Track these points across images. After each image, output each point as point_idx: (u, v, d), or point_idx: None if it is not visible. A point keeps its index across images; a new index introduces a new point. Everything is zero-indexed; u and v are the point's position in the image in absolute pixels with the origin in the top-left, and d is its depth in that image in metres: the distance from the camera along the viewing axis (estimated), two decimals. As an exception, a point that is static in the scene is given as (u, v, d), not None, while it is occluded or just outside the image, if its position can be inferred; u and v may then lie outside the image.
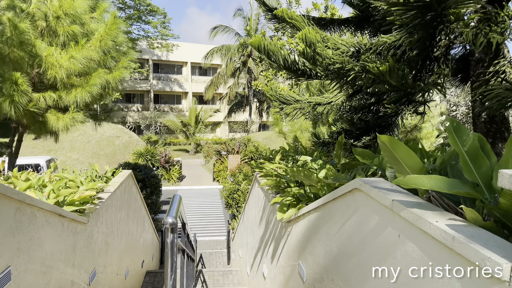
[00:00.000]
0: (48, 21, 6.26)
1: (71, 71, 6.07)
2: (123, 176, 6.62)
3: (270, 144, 26.56)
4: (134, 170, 11.51)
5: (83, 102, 6.29)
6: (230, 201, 11.97)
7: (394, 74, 2.26)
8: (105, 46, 6.39)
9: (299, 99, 3.93)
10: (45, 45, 6.21)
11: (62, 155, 24.48)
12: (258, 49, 3.08)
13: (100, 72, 6.44)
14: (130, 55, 7.09)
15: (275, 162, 6.48)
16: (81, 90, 6.27)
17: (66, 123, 6.30)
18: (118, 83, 6.69)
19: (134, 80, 43.58)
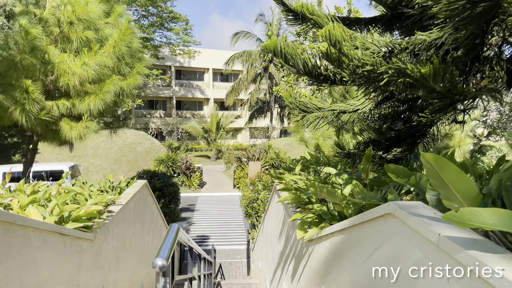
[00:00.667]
0: (62, 27, 6.10)
1: (84, 78, 5.87)
2: (137, 187, 6.37)
3: (291, 150, 26.11)
4: (152, 178, 11.32)
5: (97, 110, 6.08)
6: (250, 210, 11.61)
7: (439, 77, 1.85)
8: (119, 52, 6.18)
9: (321, 107, 3.55)
10: (58, 51, 6.05)
11: (86, 161, 24.75)
12: (274, 52, 2.73)
13: (114, 79, 6.22)
14: (145, 60, 6.86)
15: (295, 173, 6.09)
16: (94, 97, 6.07)
17: (79, 132, 6.10)
18: (132, 90, 6.47)
19: (156, 86, 44.00)
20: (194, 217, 17.94)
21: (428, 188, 2.21)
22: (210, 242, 14.78)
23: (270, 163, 23.33)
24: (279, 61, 14.05)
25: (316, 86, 26.13)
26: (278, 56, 2.82)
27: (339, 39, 2.08)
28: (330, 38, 2.09)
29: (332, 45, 2.13)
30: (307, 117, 3.65)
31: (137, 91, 7.04)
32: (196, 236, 15.46)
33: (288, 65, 2.82)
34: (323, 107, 3.62)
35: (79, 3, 6.02)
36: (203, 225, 16.77)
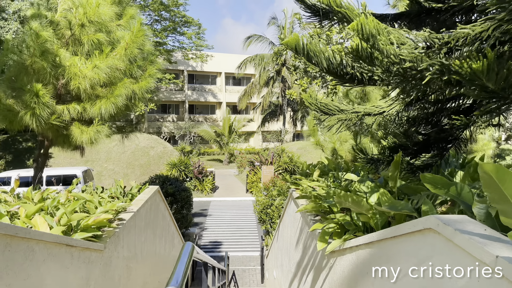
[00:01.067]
0: (73, 29, 5.98)
1: (95, 81, 5.72)
2: (149, 193, 6.19)
3: (305, 154, 25.79)
4: (165, 183, 11.16)
5: (108, 114, 5.93)
6: (264, 216, 11.36)
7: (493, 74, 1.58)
8: (130, 54, 6.03)
9: (343, 109, 3.30)
10: (69, 54, 5.92)
11: (99, 166, 24.82)
12: (295, 49, 2.49)
13: (125, 82, 6.07)
14: (157, 63, 6.70)
15: (313, 179, 5.84)
16: (105, 101, 5.92)
17: (90, 137, 5.96)
18: (145, 93, 6.31)
19: (169, 91, 44.15)
20: (206, 222, 17.75)
21: (475, 200, 1.94)
22: (223, 248, 14.55)
23: (284, 167, 23.05)
24: (292, 64, 13.99)
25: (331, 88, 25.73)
26: (300, 53, 2.58)
27: (373, 33, 1.83)
28: (363, 32, 1.85)
29: (364, 39, 1.90)
30: (328, 119, 3.40)
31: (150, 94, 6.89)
32: (209, 242, 15.26)
33: (311, 63, 2.59)
34: (346, 109, 3.37)
35: (91, 5, 5.89)
36: (216, 231, 16.56)
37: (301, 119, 39.63)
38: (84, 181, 20.62)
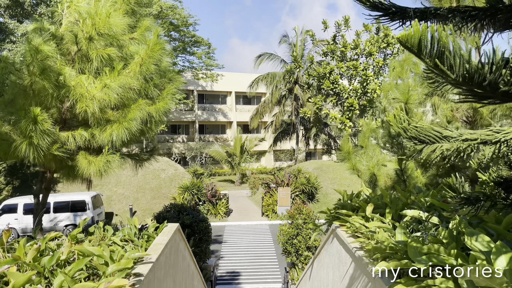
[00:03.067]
0: (80, 44, 5.15)
1: (105, 103, 4.85)
2: (168, 233, 5.22)
3: (322, 175, 24.69)
4: (181, 213, 10.19)
5: (120, 141, 5.03)
6: (289, 248, 10.29)
7: None
8: (146, 71, 5.17)
9: (448, 135, 2.34)
10: (75, 72, 5.08)
11: (108, 190, 23.97)
12: (418, 47, 1.56)
13: (140, 104, 5.19)
14: (176, 81, 5.83)
15: (367, 215, 4.83)
16: (117, 126, 5.03)
17: (99, 168, 5.05)
18: (162, 116, 5.42)
19: (179, 111, 43.61)
20: (222, 250, 16.66)
21: None
22: (241, 280, 13.44)
23: (301, 188, 21.96)
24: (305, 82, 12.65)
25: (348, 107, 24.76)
26: (423, 52, 1.66)
27: None
28: None
29: None
30: (427, 149, 2.44)
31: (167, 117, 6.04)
32: (226, 273, 14.15)
33: (442, 65, 1.65)
34: (451, 135, 2.41)
35: (100, 16, 5.07)
36: (233, 260, 15.45)
37: (314, 138, 38.64)
38: (93, 207, 19.74)
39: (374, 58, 25.32)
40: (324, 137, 38.29)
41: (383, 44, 25.10)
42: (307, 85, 28.67)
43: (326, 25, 26.63)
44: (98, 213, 20.25)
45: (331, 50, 26.12)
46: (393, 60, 25.68)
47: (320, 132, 36.99)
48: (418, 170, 7.00)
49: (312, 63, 28.07)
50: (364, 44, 25.74)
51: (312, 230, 10.38)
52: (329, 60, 27.00)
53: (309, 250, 10.16)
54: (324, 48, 27.00)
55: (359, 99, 25.60)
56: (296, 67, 29.15)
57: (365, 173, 7.66)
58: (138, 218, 17.98)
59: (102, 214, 20.83)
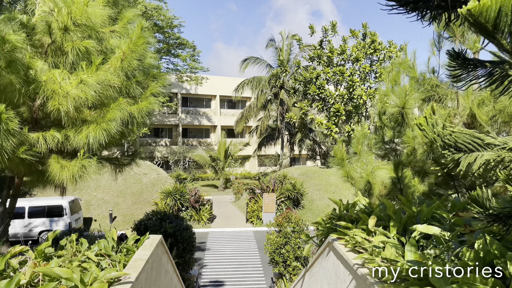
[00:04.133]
0: (54, 34, 4.62)
1: (81, 101, 4.33)
2: (150, 247, 4.71)
3: (308, 181, 24.36)
4: (163, 221, 9.62)
5: (98, 143, 4.51)
6: (277, 258, 9.83)
7: None
8: (128, 67, 4.67)
9: (490, 142, 1.94)
10: (47, 66, 4.54)
11: (87, 194, 23.09)
12: (494, 23, 1.15)
13: (121, 103, 4.68)
14: (161, 79, 5.33)
15: (369, 228, 4.43)
16: (94, 127, 4.51)
17: (73, 174, 4.51)
18: (145, 117, 4.92)
19: (162, 114, 42.81)
20: (205, 258, 16.10)
21: None
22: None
23: (286, 194, 21.57)
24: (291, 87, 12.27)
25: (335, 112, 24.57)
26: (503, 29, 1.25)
27: None
28: None
29: None
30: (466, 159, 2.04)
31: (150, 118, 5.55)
32: (209, 282, 13.61)
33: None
34: (493, 142, 2.01)
35: (78, 4, 4.56)
36: (216, 268, 14.91)
37: (299, 143, 38.40)
38: (71, 212, 18.89)
39: (360, 64, 25.23)
40: (309, 143, 38.10)
41: (369, 50, 25.03)
42: (293, 90, 28.40)
43: (313, 29, 26.46)
44: (76, 219, 19.42)
45: (317, 55, 25.93)
46: (381, 64, 25.68)
47: (305, 137, 36.77)
48: (416, 179, 6.67)
49: (298, 67, 27.84)
50: (350, 50, 25.64)
51: (302, 239, 9.97)
52: (315, 65, 26.81)
53: (298, 260, 9.74)
54: (310, 53, 26.80)
55: (345, 105, 25.44)
56: (282, 71, 28.87)
57: (359, 181, 7.30)
58: (119, 224, 17.21)
59: (80, 219, 19.99)
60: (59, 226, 18.50)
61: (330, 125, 24.56)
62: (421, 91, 7.09)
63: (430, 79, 7.14)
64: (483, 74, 1.79)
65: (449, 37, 7.13)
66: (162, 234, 9.00)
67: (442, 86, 7.07)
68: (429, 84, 7.12)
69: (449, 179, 6.64)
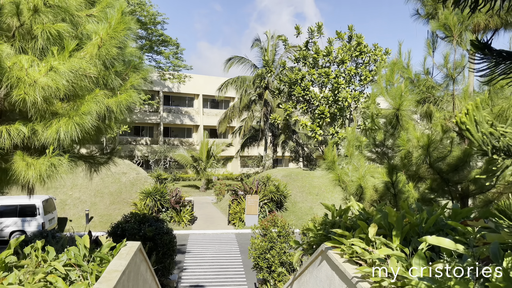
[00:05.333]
0: (22, 16, 4.10)
1: (51, 92, 3.83)
2: (127, 256, 4.23)
3: (291, 183, 24.05)
4: (142, 224, 9.08)
5: (70, 139, 4.01)
6: (262, 263, 9.43)
7: None
8: (106, 55, 4.18)
9: None
10: (14, 52, 4.03)
11: (62, 193, 22.19)
12: None
13: (97, 95, 4.19)
14: (143, 70, 4.83)
15: (369, 237, 4.07)
16: (66, 121, 4.01)
17: (40, 172, 4.00)
18: (124, 111, 4.44)
19: (143, 112, 41.88)
20: (185, 261, 15.56)
21: None
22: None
23: (269, 196, 21.20)
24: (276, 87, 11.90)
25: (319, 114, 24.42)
26: None
27: None
28: None
29: None
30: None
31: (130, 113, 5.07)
32: (189, 287, 13.10)
33: None
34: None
35: (50, -17, 4.05)
36: (197, 272, 14.40)
37: (282, 145, 38.14)
38: (45, 212, 18.03)
39: (346, 66, 25.12)
40: (292, 145, 37.87)
41: (355, 53, 24.94)
42: (278, 91, 28.09)
43: (299, 30, 26.22)
44: (50, 219, 18.58)
45: (303, 56, 25.68)
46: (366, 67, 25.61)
47: (289, 139, 36.52)
48: (410, 184, 6.37)
49: (284, 68, 27.54)
50: (336, 52, 25.50)
51: (288, 244, 9.60)
52: (300, 66, 26.57)
53: (283, 266, 9.37)
54: (296, 54, 26.55)
55: (330, 107, 25.27)
56: (267, 71, 28.51)
57: (350, 185, 6.97)
58: (95, 225, 16.39)
59: (54, 219, 19.13)
60: (31, 227, 17.64)
61: (314, 127, 24.33)
62: (416, 92, 6.83)
63: (425, 80, 6.88)
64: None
65: (445, 37, 6.89)
66: (141, 238, 8.48)
67: (438, 87, 6.82)
68: (424, 86, 6.86)
69: (444, 184, 6.38)
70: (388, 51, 25.33)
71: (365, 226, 4.24)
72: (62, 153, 4.15)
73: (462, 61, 6.67)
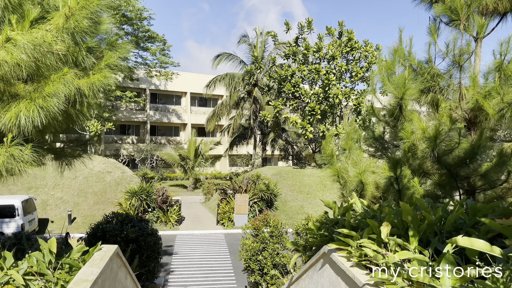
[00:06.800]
0: (-27, -21, 3.47)
1: (9, 68, 3.21)
2: (101, 262, 3.63)
3: (281, 181, 23.54)
4: (125, 224, 8.43)
5: (32, 125, 3.40)
6: (253, 265, 8.87)
7: None
8: (76, 28, 3.57)
9: None
10: (-37, 20, 3.40)
11: (44, 193, 21.30)
12: None
13: (65, 74, 3.58)
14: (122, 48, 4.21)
15: (382, 238, 3.55)
16: (28, 104, 3.39)
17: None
18: (98, 94, 3.82)
19: (129, 110, 40.92)
20: (172, 263, 14.92)
21: None
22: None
23: (259, 195, 20.66)
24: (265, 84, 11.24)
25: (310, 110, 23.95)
26: None
27: None
28: None
29: None
30: None
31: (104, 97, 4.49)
32: (177, 291, 12.49)
33: None
34: None
35: None
36: (184, 274, 13.78)
37: (272, 143, 37.63)
38: (24, 213, 17.20)
39: (336, 62, 24.70)
40: (281, 143, 37.40)
41: (346, 49, 24.55)
42: (267, 88, 27.55)
43: (289, 26, 25.72)
44: (30, 220, 17.74)
45: (293, 52, 25.19)
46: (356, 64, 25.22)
47: (278, 137, 36.02)
48: (415, 179, 5.88)
49: (274, 64, 27.00)
50: (327, 48, 25.07)
51: (281, 245, 9.05)
52: (290, 62, 26.08)
53: (276, 268, 8.83)
54: (285, 50, 26.04)
55: (320, 104, 24.83)
56: (256, 68, 27.93)
57: (351, 180, 6.45)
58: (78, 226, 15.44)
59: (34, 220, 18.29)
60: (10, 228, 16.80)
61: (305, 124, 23.84)
62: (419, 81, 6.36)
63: (429, 67, 6.41)
64: None
65: (450, 22, 6.43)
66: (123, 239, 7.84)
67: (443, 75, 6.36)
68: (429, 74, 6.40)
69: (452, 179, 5.92)
70: (379, 47, 25.01)
71: (375, 225, 3.71)
72: (22, 142, 3.53)
73: (469, 47, 6.21)
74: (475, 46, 6.38)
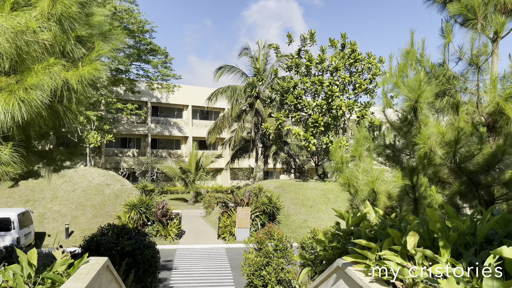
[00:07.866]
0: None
1: (-15, 56, 2.84)
2: (87, 276, 3.19)
3: (283, 194, 23.03)
4: (120, 237, 7.97)
5: (11, 121, 3.01)
6: (256, 281, 8.36)
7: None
8: (63, 14, 3.22)
9: None
10: None
11: (41, 207, 20.82)
12: None
13: (51, 64, 3.21)
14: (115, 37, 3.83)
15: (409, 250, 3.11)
16: (7, 96, 3.02)
17: (-30, 166, 2.97)
18: (88, 89, 3.43)
19: (130, 123, 40.67)
20: (172, 279, 14.35)
21: None
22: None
23: (262, 209, 20.14)
24: (267, 96, 10.72)
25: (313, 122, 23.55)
26: None
27: None
28: None
29: None
30: None
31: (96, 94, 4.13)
32: (176, 308, 11.92)
33: None
34: None
35: None
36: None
37: (274, 156, 37.19)
38: (20, 226, 16.71)
39: (339, 74, 24.45)
40: (283, 156, 36.95)
41: (349, 61, 24.32)
42: (269, 100, 27.27)
43: (291, 38, 25.59)
44: (26, 233, 17.24)
45: (295, 64, 24.97)
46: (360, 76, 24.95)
47: (280, 150, 35.61)
48: (433, 187, 5.46)
49: (276, 76, 26.78)
50: (330, 60, 24.86)
51: (285, 259, 8.56)
52: (293, 74, 25.85)
53: (281, 284, 8.33)
54: (288, 62, 25.84)
55: (324, 115, 24.48)
56: (258, 80, 27.69)
57: (362, 189, 6.02)
58: (76, 240, 14.83)
59: (31, 234, 17.78)
60: (5, 242, 16.28)
61: (308, 136, 23.45)
62: (434, 84, 5.99)
63: (445, 70, 6.06)
64: None
65: (465, 22, 6.10)
66: (119, 252, 7.38)
67: (460, 78, 6.00)
68: (444, 76, 6.04)
69: (473, 188, 5.49)
70: (382, 59, 24.79)
71: (397, 235, 3.29)
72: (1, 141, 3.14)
73: (486, 48, 5.85)
74: (492, 47, 6.02)
